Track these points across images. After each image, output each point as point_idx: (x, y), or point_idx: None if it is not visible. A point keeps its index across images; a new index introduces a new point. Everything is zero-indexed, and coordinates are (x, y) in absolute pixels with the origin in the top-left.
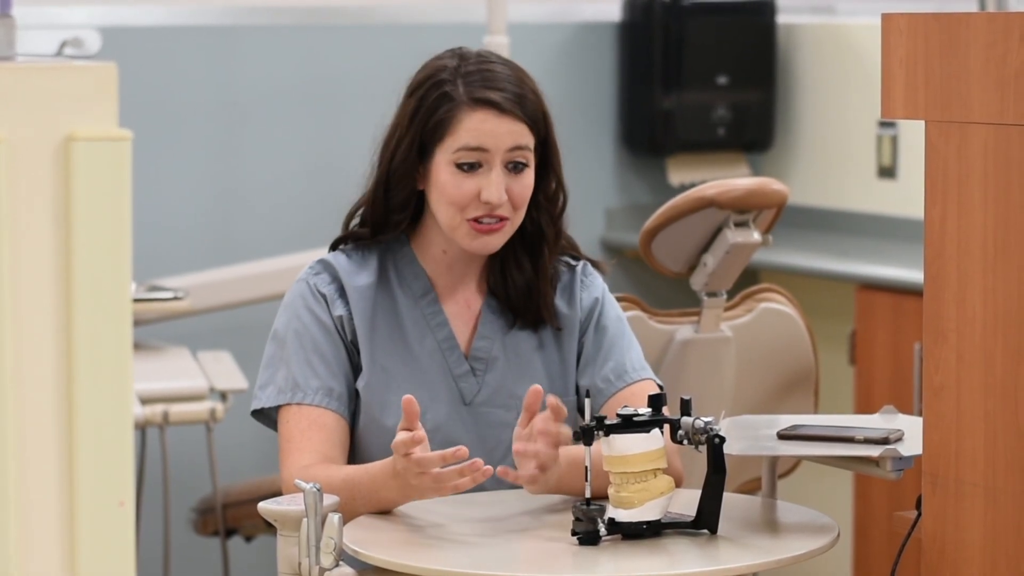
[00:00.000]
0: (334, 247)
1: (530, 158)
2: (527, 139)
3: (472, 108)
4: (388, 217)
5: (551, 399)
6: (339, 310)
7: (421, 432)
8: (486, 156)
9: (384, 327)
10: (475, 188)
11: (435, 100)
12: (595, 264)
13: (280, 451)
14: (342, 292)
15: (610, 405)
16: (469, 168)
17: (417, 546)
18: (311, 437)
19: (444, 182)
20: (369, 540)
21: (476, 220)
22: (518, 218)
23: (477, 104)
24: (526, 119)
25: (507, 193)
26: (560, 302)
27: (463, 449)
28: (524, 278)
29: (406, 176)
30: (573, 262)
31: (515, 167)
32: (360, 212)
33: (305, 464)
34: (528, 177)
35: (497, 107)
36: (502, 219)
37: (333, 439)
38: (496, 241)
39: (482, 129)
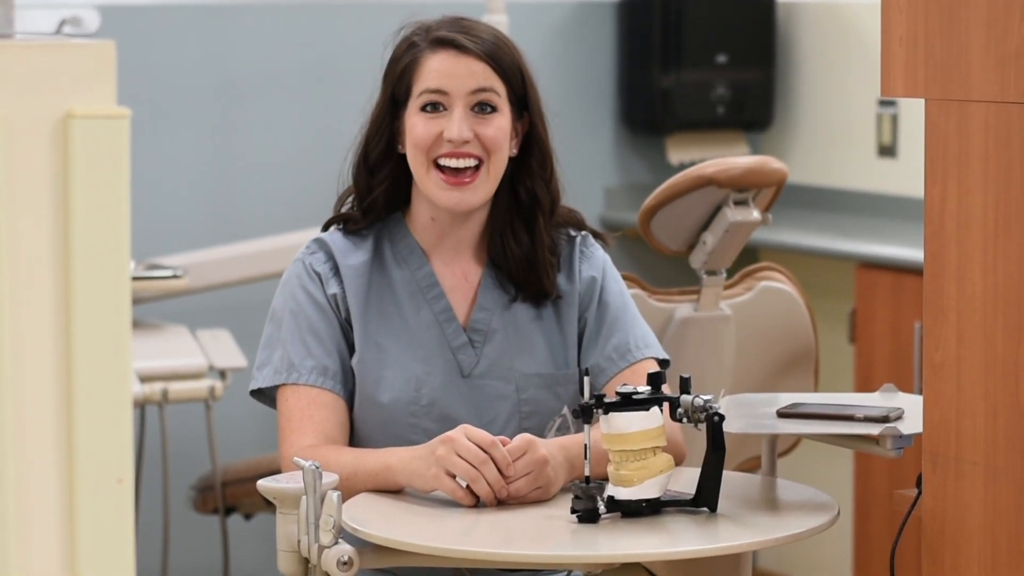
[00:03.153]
0: (325, 229)
1: (499, 103)
2: (492, 81)
3: (433, 50)
4: (370, 181)
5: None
6: (333, 288)
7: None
8: (448, 98)
9: (378, 303)
10: (439, 129)
11: (402, 52)
12: (598, 235)
13: (279, 430)
14: (336, 271)
15: (613, 385)
16: (433, 109)
17: (416, 524)
18: (311, 416)
19: (411, 126)
20: (368, 518)
21: (443, 169)
22: (494, 166)
23: (437, 45)
24: (491, 61)
25: (476, 136)
26: (560, 275)
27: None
28: (523, 249)
29: (381, 129)
30: (574, 233)
31: (481, 108)
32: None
33: (307, 444)
34: (498, 120)
35: (456, 46)
36: (474, 166)
37: (333, 418)
38: (470, 196)
39: (441, 69)
